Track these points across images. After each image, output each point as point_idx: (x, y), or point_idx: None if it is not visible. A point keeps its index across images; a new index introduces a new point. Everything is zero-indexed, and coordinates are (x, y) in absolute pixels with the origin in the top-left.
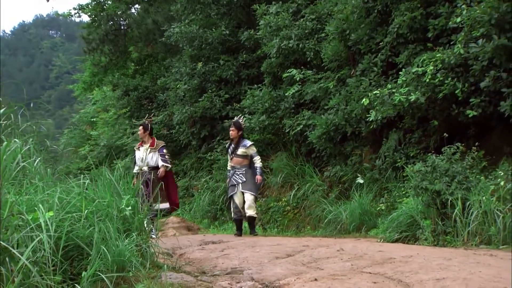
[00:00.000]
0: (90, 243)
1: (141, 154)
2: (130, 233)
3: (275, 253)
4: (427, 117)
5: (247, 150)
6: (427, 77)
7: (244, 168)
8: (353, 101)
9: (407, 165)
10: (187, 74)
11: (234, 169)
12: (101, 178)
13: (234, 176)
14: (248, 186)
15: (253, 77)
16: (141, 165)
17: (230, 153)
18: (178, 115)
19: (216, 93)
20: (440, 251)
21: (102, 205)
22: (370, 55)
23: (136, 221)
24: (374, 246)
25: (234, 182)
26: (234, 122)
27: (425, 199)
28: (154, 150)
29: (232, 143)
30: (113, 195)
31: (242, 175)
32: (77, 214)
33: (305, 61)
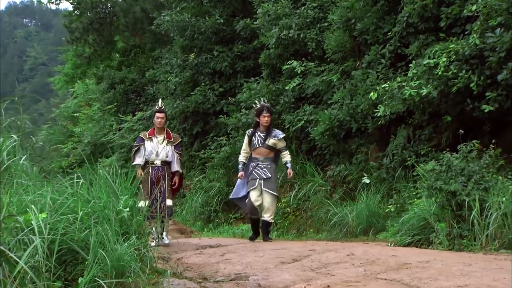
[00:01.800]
0: (85, 247)
1: (153, 146)
2: (128, 236)
3: (280, 258)
4: (439, 112)
5: (278, 142)
6: (440, 69)
7: (268, 161)
8: (359, 95)
9: (418, 163)
10: (178, 66)
11: (257, 161)
12: (96, 177)
13: (257, 169)
14: (271, 185)
15: (249, 70)
16: (153, 158)
17: (255, 142)
18: (169, 110)
19: (210, 87)
20: (458, 256)
21: (98, 206)
22: (377, 46)
23: (134, 223)
24: (386, 251)
25: (256, 176)
26: (267, 107)
27: (440, 200)
28: (171, 143)
29: (259, 131)
30: (110, 196)
31: (267, 169)
32: (72, 216)
33: (306, 52)
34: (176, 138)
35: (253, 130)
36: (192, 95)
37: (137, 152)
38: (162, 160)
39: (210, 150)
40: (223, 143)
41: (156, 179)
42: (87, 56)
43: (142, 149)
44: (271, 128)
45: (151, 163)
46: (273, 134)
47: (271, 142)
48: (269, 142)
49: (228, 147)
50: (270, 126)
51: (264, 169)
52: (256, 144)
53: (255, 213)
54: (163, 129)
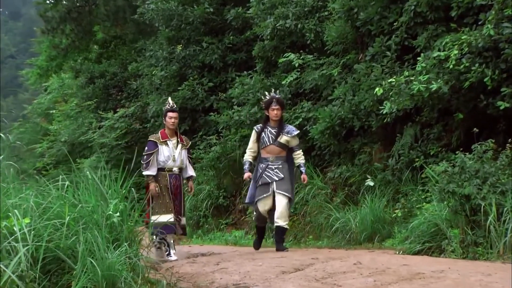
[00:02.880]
0: (72, 255)
1: (170, 151)
2: (119, 243)
3: (281, 267)
4: (450, 109)
5: (291, 140)
6: (451, 62)
7: (280, 161)
8: (362, 91)
9: (427, 165)
10: (164, 58)
11: (267, 161)
12: (83, 179)
13: (267, 172)
14: (285, 186)
15: (241, 63)
16: (170, 165)
17: (265, 140)
18: (154, 106)
19: (198, 81)
20: (474, 265)
21: (86, 210)
22: (382, 37)
23: (125, 230)
24: (396, 259)
25: (267, 179)
26: (277, 98)
27: (452, 204)
28: (184, 147)
29: (269, 127)
30: (98, 199)
31: (279, 170)
32: (57, 221)
33: (304, 44)
34: (187, 141)
35: (262, 125)
36: (179, 90)
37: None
38: (180, 167)
39: (199, 150)
40: (213, 143)
41: (175, 188)
42: (64, 48)
43: (155, 156)
44: (283, 123)
45: (168, 170)
46: (285, 130)
47: (284, 139)
48: (282, 140)
49: (219, 146)
50: (282, 121)
51: (275, 170)
52: (266, 141)
53: (263, 222)
54: (174, 131)
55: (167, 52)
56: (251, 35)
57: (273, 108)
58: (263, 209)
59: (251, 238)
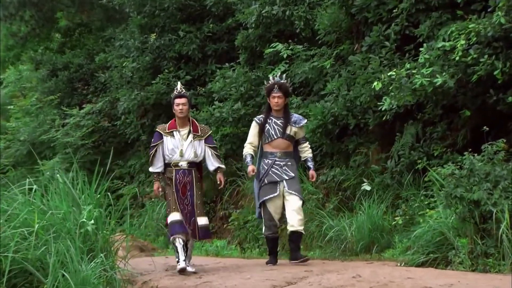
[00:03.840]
0: (41, 267)
1: (176, 143)
2: (94, 254)
3: (272, 280)
4: (455, 105)
5: (299, 131)
6: (457, 54)
7: (288, 157)
8: (358, 85)
9: (430, 167)
10: (135, 49)
11: (273, 157)
12: (53, 183)
13: (274, 169)
14: (296, 186)
15: (222, 54)
16: (176, 159)
17: (271, 133)
18: (124, 102)
19: (175, 74)
20: (485, 278)
21: (57, 218)
22: (380, 25)
23: (100, 239)
24: (399, 272)
25: (275, 177)
26: (280, 84)
27: (460, 211)
28: (199, 137)
29: (273, 117)
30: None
31: (288, 168)
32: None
33: (293, 33)
34: (205, 130)
35: (264, 116)
36: (152, 84)
37: (155, 154)
38: (189, 161)
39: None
40: None
41: (182, 186)
42: (23, 36)
43: (160, 149)
44: (289, 112)
45: (174, 165)
46: (293, 120)
47: (292, 131)
48: (290, 132)
49: None
50: (287, 109)
51: (284, 168)
52: (272, 135)
53: (274, 230)
54: (187, 120)
55: (139, 41)
56: (234, 22)
57: (273, 95)
58: (275, 211)
59: (234, 248)
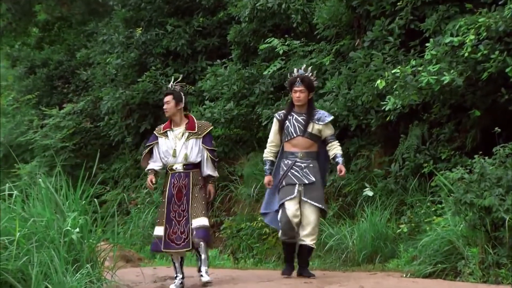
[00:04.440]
0: (23, 279)
1: (169, 144)
2: (79, 264)
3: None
4: (464, 105)
5: (324, 128)
6: (466, 50)
7: (310, 158)
8: (359, 83)
9: (437, 170)
10: (120, 44)
11: (294, 157)
12: (35, 188)
13: (294, 170)
14: (315, 193)
15: (213, 50)
16: (170, 162)
17: (291, 130)
18: (108, 101)
19: (162, 71)
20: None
21: (40, 226)
22: (384, 19)
23: (86, 248)
24: (405, 283)
25: (294, 179)
26: (303, 77)
27: (470, 218)
28: (195, 136)
29: (295, 113)
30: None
31: (309, 170)
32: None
33: (289, 27)
34: (204, 127)
35: (285, 112)
36: (138, 82)
37: (150, 156)
38: (185, 163)
39: None
40: None
41: (177, 190)
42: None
43: (156, 150)
44: (313, 108)
45: (170, 169)
46: (316, 117)
47: (316, 129)
48: (313, 129)
49: None
50: (311, 105)
51: (305, 170)
52: (292, 132)
53: (291, 235)
54: (180, 117)
55: (124, 36)
56: (225, 16)
57: (295, 89)
58: (293, 215)
59: (227, 258)
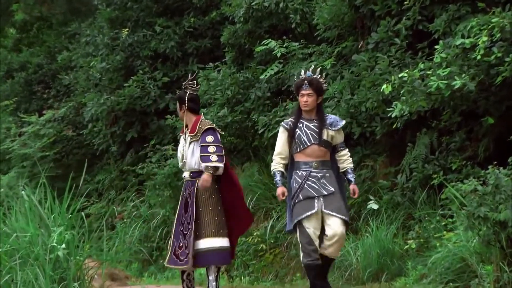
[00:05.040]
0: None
1: (181, 149)
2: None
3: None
4: (476, 111)
5: (336, 135)
6: (478, 52)
7: (325, 167)
8: (363, 88)
9: (448, 182)
10: (105, 46)
11: (308, 167)
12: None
13: (310, 181)
14: (337, 203)
15: (205, 52)
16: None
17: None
18: (92, 107)
19: (150, 75)
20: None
21: (23, 241)
22: (389, 19)
23: (73, 266)
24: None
25: (312, 192)
26: (310, 79)
27: (484, 233)
28: (194, 139)
29: (305, 120)
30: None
31: (326, 180)
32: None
33: (287, 28)
34: (201, 129)
35: (294, 119)
36: (125, 87)
37: None
38: (191, 170)
39: (151, 164)
40: (169, 154)
41: (184, 201)
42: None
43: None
44: (323, 112)
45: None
46: (328, 122)
47: (329, 135)
48: (327, 136)
49: (177, 159)
50: (320, 110)
51: (322, 180)
52: (305, 141)
53: (316, 256)
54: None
55: (109, 37)
56: (218, 16)
57: (302, 93)
58: (315, 233)
59: (221, 276)
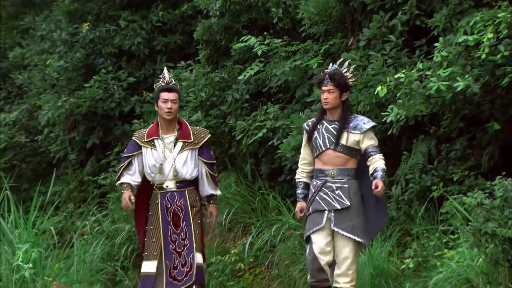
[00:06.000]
0: None
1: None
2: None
3: None
4: (479, 116)
5: (363, 139)
6: (483, 51)
7: (346, 177)
8: (354, 90)
9: (449, 194)
10: (63, 42)
11: (323, 176)
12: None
13: (322, 192)
14: (351, 221)
15: (175, 49)
16: (159, 179)
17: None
18: (48, 111)
19: (114, 75)
20: None
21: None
22: (383, 14)
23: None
24: None
25: (322, 205)
26: (331, 74)
27: (491, 251)
28: (191, 146)
29: (326, 121)
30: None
31: (342, 192)
32: None
33: (268, 23)
34: (200, 136)
35: (315, 119)
36: (85, 87)
37: (127, 168)
38: (178, 180)
39: (115, 174)
40: None
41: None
42: None
43: (136, 162)
44: (349, 113)
45: (158, 187)
46: (352, 125)
47: (351, 140)
48: (347, 141)
49: None
50: (345, 109)
51: (337, 192)
52: (320, 145)
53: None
54: (175, 122)
55: (67, 33)
56: (190, 9)
57: (323, 89)
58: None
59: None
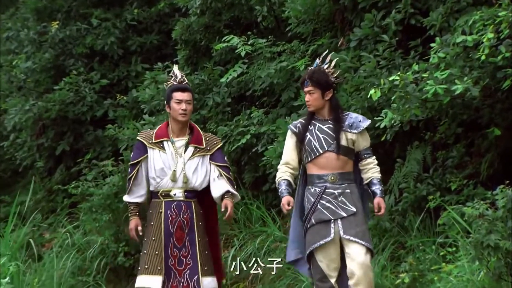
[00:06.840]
0: None
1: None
2: None
3: None
4: (478, 121)
5: (358, 138)
6: (483, 51)
7: (346, 181)
8: (344, 94)
9: (446, 204)
10: (31, 42)
11: (323, 182)
12: None
13: (324, 200)
14: (360, 228)
15: (152, 50)
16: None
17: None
18: (15, 115)
19: (85, 77)
20: None
21: None
22: (375, 12)
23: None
24: None
25: (327, 214)
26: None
27: (493, 265)
28: (203, 152)
29: (318, 122)
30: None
31: (346, 198)
32: None
33: (252, 21)
34: (213, 142)
35: (304, 121)
36: (55, 90)
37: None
38: (187, 189)
39: (87, 183)
40: (108, 171)
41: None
42: None
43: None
44: (340, 110)
45: (163, 195)
46: (347, 123)
47: (349, 138)
48: (346, 141)
49: (118, 177)
50: (334, 107)
51: (340, 198)
52: (316, 148)
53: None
54: (187, 126)
55: (36, 32)
56: (167, 7)
57: (304, 91)
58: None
59: None
